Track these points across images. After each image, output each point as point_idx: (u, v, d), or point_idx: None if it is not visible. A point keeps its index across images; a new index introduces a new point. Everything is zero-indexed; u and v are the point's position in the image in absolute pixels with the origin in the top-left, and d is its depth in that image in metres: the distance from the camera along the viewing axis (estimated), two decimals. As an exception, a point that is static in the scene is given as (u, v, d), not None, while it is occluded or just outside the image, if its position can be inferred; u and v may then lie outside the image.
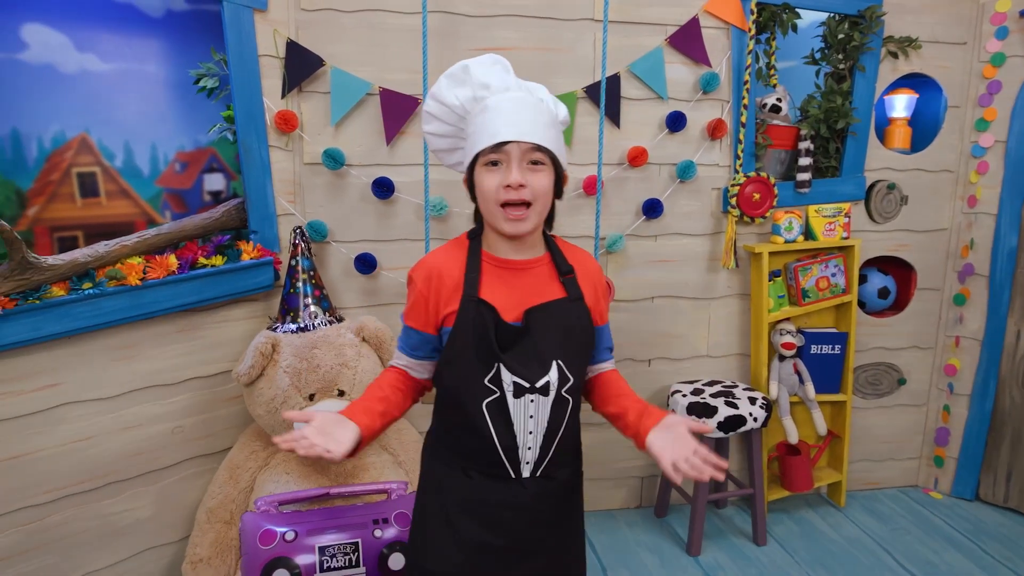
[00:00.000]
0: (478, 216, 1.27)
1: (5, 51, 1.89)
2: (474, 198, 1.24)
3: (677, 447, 1.16)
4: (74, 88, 2.00)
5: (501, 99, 1.18)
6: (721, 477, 1.15)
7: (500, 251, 1.25)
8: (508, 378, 1.19)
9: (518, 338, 1.20)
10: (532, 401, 1.21)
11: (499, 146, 1.15)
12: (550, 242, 1.30)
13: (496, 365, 1.19)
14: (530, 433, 1.22)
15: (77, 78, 2.01)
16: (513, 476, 1.24)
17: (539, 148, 1.16)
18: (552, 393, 1.22)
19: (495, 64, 1.21)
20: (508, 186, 1.15)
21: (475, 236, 1.27)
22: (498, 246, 1.25)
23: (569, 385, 1.23)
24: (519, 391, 1.20)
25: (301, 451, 1.10)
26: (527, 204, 1.17)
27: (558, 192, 1.24)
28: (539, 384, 1.20)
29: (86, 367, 1.83)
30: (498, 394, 1.20)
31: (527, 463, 1.24)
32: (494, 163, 1.17)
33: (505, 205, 1.16)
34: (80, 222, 2.05)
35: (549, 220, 1.29)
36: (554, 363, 1.21)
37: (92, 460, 1.87)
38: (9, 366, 1.70)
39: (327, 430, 1.13)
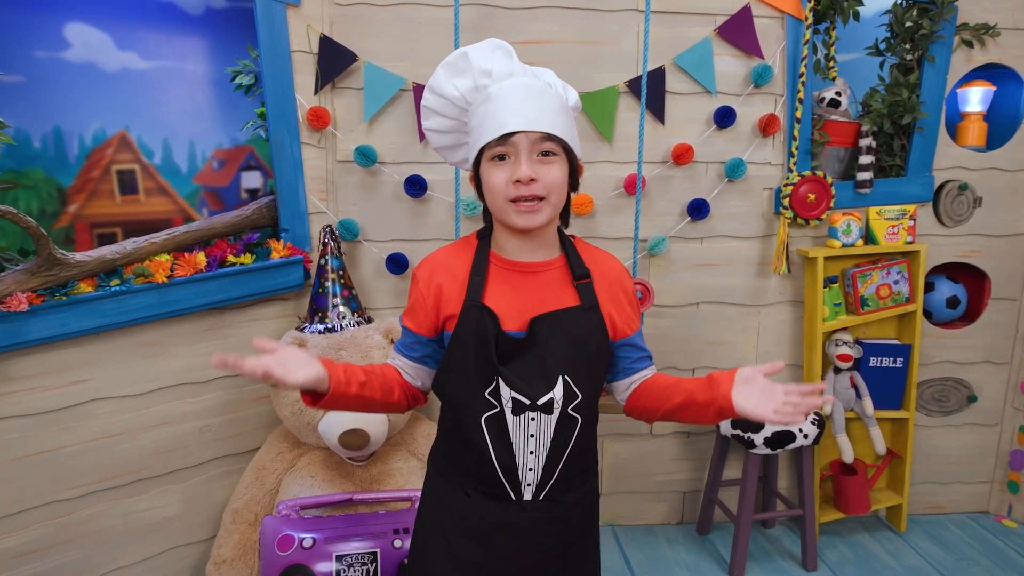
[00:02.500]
0: (487, 215, 1.19)
1: (48, 50, 1.91)
2: (482, 196, 1.15)
3: (766, 398, 1.05)
4: (115, 86, 2.02)
5: (504, 86, 1.08)
6: (821, 402, 1.05)
7: (510, 252, 1.15)
8: (507, 393, 1.10)
9: (520, 349, 1.10)
10: (533, 419, 1.11)
11: (505, 138, 1.05)
12: (566, 243, 1.19)
13: (495, 378, 1.10)
14: (531, 453, 1.12)
15: (118, 76, 2.03)
16: (513, 498, 1.14)
17: (549, 137, 1.06)
18: (556, 411, 1.12)
19: (496, 49, 1.10)
20: (518, 181, 1.05)
21: (484, 236, 1.19)
22: (507, 247, 1.15)
23: (577, 403, 1.13)
24: (518, 408, 1.10)
25: (246, 369, 0.99)
26: (540, 198, 1.07)
27: (573, 184, 1.14)
28: (541, 402, 1.10)
29: (115, 364, 1.83)
30: (497, 409, 1.11)
31: (528, 485, 1.14)
32: (501, 157, 1.07)
33: (515, 201, 1.07)
34: (119, 219, 2.06)
35: (565, 217, 1.19)
36: (560, 378, 1.11)
37: (120, 456, 1.87)
38: (38, 361, 1.71)
39: (286, 363, 1.03)
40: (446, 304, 1.14)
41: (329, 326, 1.97)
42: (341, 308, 2.00)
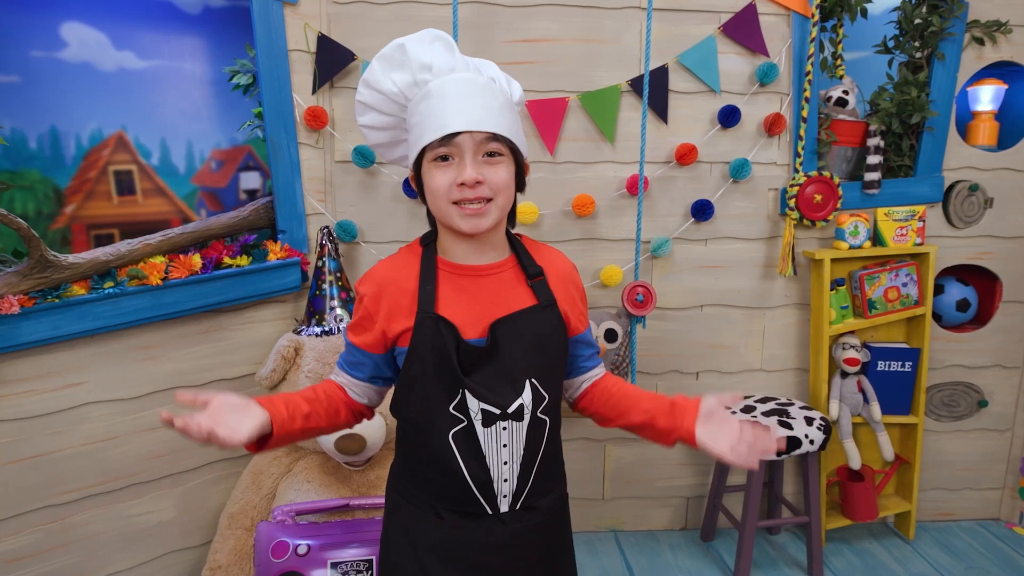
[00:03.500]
0: (431, 218, 1.12)
1: (44, 50, 1.89)
2: (423, 197, 1.08)
3: (724, 435, 1.07)
4: (112, 86, 2.00)
5: (446, 82, 1.02)
6: (774, 449, 1.05)
7: (457, 256, 1.09)
8: (475, 405, 1.04)
9: (483, 358, 1.05)
10: (505, 428, 1.06)
11: (448, 139, 1.00)
12: (515, 242, 1.15)
13: (460, 391, 1.04)
14: (505, 464, 1.08)
15: (115, 76, 2.01)
16: (489, 512, 1.09)
17: (495, 137, 1.01)
18: (527, 416, 1.07)
19: (436, 41, 1.04)
20: (462, 184, 1.00)
21: (429, 242, 1.12)
22: (454, 251, 1.09)
23: (545, 404, 1.09)
24: (489, 419, 1.05)
25: (192, 433, 0.94)
26: (486, 200, 1.02)
27: (520, 185, 1.09)
28: (511, 409, 1.05)
29: (109, 367, 1.81)
30: (465, 423, 1.05)
31: (504, 496, 1.09)
32: (444, 158, 1.02)
33: (459, 203, 1.02)
34: (116, 220, 2.04)
35: (512, 218, 1.14)
36: (527, 382, 1.06)
37: (115, 460, 1.85)
38: (31, 364, 1.69)
39: (222, 416, 0.97)
40: (396, 318, 1.07)
41: (326, 329, 1.95)
42: (338, 311, 1.97)
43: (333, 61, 2.05)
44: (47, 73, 1.88)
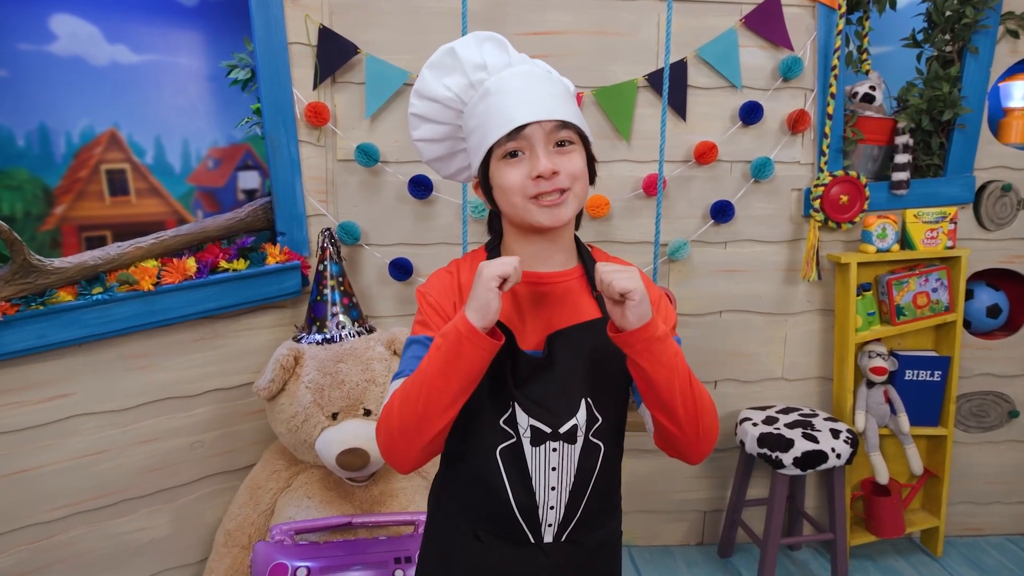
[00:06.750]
0: (493, 225, 1.07)
1: (33, 43, 1.83)
2: (491, 202, 1.02)
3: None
4: (104, 81, 1.93)
5: (503, 77, 0.96)
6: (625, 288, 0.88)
7: (523, 262, 1.02)
8: (524, 421, 0.97)
9: (538, 371, 0.98)
10: (555, 450, 0.98)
11: (516, 132, 0.93)
12: (583, 251, 1.07)
13: (511, 404, 0.97)
14: (552, 489, 1.00)
15: (107, 71, 1.94)
16: (532, 541, 1.02)
17: (565, 125, 0.94)
18: (580, 439, 0.99)
19: (485, 41, 0.98)
20: (539, 176, 0.93)
21: (493, 247, 1.07)
22: (521, 254, 1.02)
23: (598, 427, 1.00)
24: (538, 438, 0.97)
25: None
26: (563, 190, 0.95)
27: (591, 176, 1.02)
28: (563, 430, 0.98)
29: (98, 377, 1.73)
30: (514, 439, 0.98)
31: (549, 525, 1.01)
32: (513, 154, 0.95)
33: (537, 197, 0.95)
34: (109, 221, 1.97)
35: (577, 218, 1.06)
36: (583, 401, 0.99)
37: (104, 475, 1.77)
38: (14, 375, 1.61)
39: None
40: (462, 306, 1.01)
41: (328, 336, 1.85)
42: (341, 317, 1.88)
43: (335, 55, 1.96)
44: (36, 67, 1.81)
